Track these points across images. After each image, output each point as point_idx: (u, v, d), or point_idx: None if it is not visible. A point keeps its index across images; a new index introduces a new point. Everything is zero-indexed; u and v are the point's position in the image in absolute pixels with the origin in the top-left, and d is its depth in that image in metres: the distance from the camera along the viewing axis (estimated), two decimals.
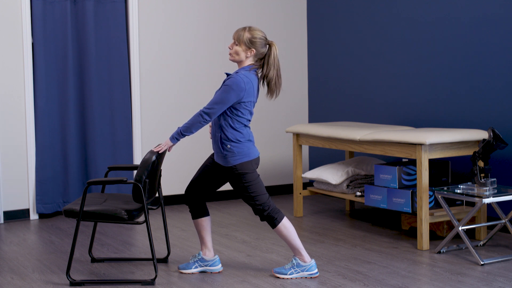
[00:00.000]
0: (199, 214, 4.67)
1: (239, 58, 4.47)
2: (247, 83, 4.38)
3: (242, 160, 4.44)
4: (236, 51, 4.46)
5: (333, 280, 4.50)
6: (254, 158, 4.48)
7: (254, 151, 4.49)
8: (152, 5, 7.01)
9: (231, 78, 4.38)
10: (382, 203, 5.59)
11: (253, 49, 4.44)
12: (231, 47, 4.47)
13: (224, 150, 4.43)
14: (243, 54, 4.45)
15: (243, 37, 4.43)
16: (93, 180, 4.46)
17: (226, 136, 4.43)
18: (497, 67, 5.66)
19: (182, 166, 7.23)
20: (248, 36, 4.43)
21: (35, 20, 6.48)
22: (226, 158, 4.44)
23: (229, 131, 4.43)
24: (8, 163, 6.49)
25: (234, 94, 4.35)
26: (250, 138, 4.49)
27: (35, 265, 4.98)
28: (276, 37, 7.62)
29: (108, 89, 6.82)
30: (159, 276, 4.67)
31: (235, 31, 4.48)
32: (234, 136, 4.43)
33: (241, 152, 4.44)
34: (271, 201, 4.52)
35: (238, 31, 4.46)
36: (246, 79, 4.39)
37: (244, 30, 4.45)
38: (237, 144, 4.43)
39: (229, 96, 4.35)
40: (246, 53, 4.45)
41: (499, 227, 5.26)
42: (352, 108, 7.19)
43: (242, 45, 4.44)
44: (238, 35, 4.44)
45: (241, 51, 4.45)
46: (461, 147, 5.34)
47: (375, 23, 6.83)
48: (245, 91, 4.37)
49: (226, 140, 4.43)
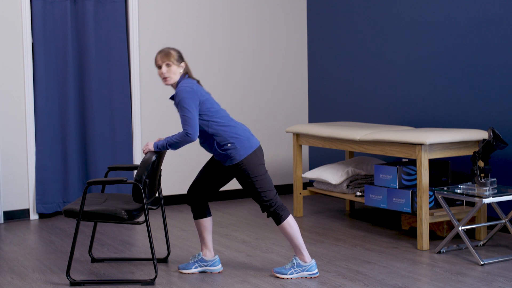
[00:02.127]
0: (201, 215, 4.68)
1: (176, 77, 4.49)
2: (192, 85, 4.43)
3: (246, 153, 4.44)
4: (172, 71, 4.47)
5: (333, 280, 4.50)
6: (256, 147, 4.49)
7: (254, 141, 4.50)
8: (152, 5, 7.01)
9: (177, 93, 4.40)
10: (382, 203, 5.59)
11: (182, 62, 4.50)
12: (166, 72, 4.46)
13: (227, 150, 4.43)
14: (179, 71, 4.49)
15: (172, 55, 4.46)
16: (93, 180, 4.46)
17: (222, 137, 4.43)
18: (497, 67, 5.66)
19: (182, 166, 7.24)
20: (174, 52, 4.47)
21: (35, 20, 6.48)
22: (231, 157, 4.44)
23: (220, 132, 4.43)
24: (8, 163, 6.49)
25: (191, 100, 4.37)
26: (245, 128, 4.51)
27: (35, 265, 4.98)
28: (276, 37, 7.62)
29: (108, 89, 6.82)
30: (159, 276, 4.67)
31: (158, 58, 4.46)
32: (229, 133, 4.44)
33: (243, 145, 4.44)
34: (278, 198, 4.53)
35: (162, 54, 4.46)
36: (188, 83, 4.43)
37: (167, 51, 4.46)
38: (236, 139, 4.43)
39: (189, 106, 4.36)
40: (179, 69, 4.49)
41: (499, 227, 5.26)
42: (352, 108, 7.19)
43: (174, 62, 4.47)
44: (166, 56, 4.45)
45: (176, 68, 4.48)
46: (461, 147, 5.34)
47: (375, 23, 6.83)
48: (197, 92, 4.41)
49: (223, 141, 4.43)
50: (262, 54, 7.56)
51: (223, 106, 7.39)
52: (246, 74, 7.50)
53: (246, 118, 7.52)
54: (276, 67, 7.65)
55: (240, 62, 7.46)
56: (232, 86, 7.43)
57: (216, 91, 7.35)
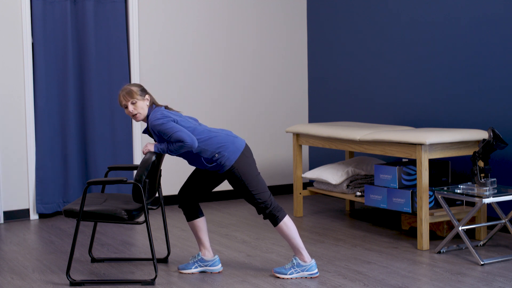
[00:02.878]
0: (194, 216, 4.68)
1: (145, 111, 4.50)
2: (161, 112, 4.44)
3: (235, 157, 4.44)
4: (139, 107, 4.48)
5: (333, 280, 4.50)
6: (243, 148, 4.48)
7: (239, 142, 4.49)
8: (152, 5, 7.01)
9: (153, 126, 4.40)
10: (382, 203, 5.59)
11: (146, 95, 4.51)
12: (132, 110, 4.48)
13: (217, 160, 4.44)
14: (145, 105, 4.50)
15: (135, 91, 4.48)
16: (93, 180, 4.46)
17: (208, 151, 4.43)
18: (497, 67, 5.66)
19: (182, 166, 7.23)
20: (135, 89, 4.49)
21: (35, 20, 6.48)
22: (223, 164, 4.44)
23: (205, 147, 4.43)
24: (8, 163, 6.49)
25: (168, 122, 4.38)
26: (228, 133, 4.51)
27: (35, 265, 4.98)
28: (276, 37, 7.62)
29: (108, 89, 6.82)
30: (159, 276, 4.67)
31: (121, 98, 4.48)
32: (212, 145, 4.43)
33: (230, 151, 4.44)
34: (273, 199, 4.52)
35: (124, 93, 4.48)
36: (157, 112, 4.44)
37: (128, 89, 4.48)
38: (222, 147, 4.43)
39: (170, 125, 4.37)
40: (145, 102, 4.50)
41: (499, 227, 5.27)
42: (352, 108, 7.19)
43: (138, 98, 4.48)
44: (129, 94, 4.47)
45: (142, 102, 4.49)
46: (461, 147, 5.34)
47: (375, 23, 6.83)
48: (168, 115, 4.42)
49: (210, 154, 4.43)
50: (262, 54, 7.56)
51: (223, 106, 7.38)
52: (246, 74, 7.50)
53: (246, 118, 7.52)
54: (276, 67, 7.65)
55: (240, 62, 7.46)
56: (232, 86, 7.43)
57: (216, 91, 7.35)
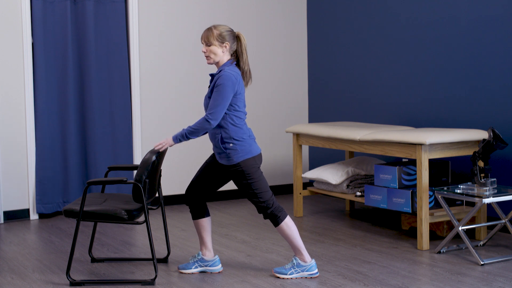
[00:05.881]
0: (200, 215, 4.67)
1: (217, 58, 4.48)
2: (236, 76, 4.42)
3: (245, 157, 4.44)
4: (211, 50, 4.47)
5: (333, 280, 4.50)
6: (257, 154, 4.49)
7: (255, 148, 4.50)
8: (152, 5, 7.01)
9: (221, 76, 4.38)
10: (382, 203, 5.59)
11: (226, 43, 4.46)
12: (206, 50, 4.48)
13: (227, 149, 4.43)
14: (219, 51, 4.47)
15: (213, 35, 4.45)
16: (93, 180, 4.46)
17: (228, 134, 4.43)
18: (497, 67, 5.66)
19: (182, 166, 7.24)
20: (217, 33, 4.45)
21: (35, 20, 6.48)
22: (229, 157, 4.44)
23: (230, 129, 4.43)
24: (8, 163, 6.49)
25: (230, 89, 4.36)
26: (251, 135, 4.51)
27: (35, 265, 4.98)
28: (276, 37, 7.62)
29: (108, 89, 6.82)
30: (159, 276, 4.67)
31: (203, 33, 4.48)
32: (236, 133, 4.43)
33: (244, 150, 4.44)
34: (274, 199, 4.52)
35: (205, 32, 4.48)
36: (234, 72, 4.42)
37: (210, 30, 4.47)
38: (239, 142, 4.43)
39: (226, 94, 4.36)
40: (221, 49, 4.47)
41: (499, 227, 5.27)
42: (352, 108, 7.19)
43: (215, 43, 4.45)
44: (207, 35, 4.46)
45: (216, 48, 4.46)
46: (461, 147, 5.34)
47: (375, 23, 6.83)
48: (238, 83, 4.41)
49: (228, 138, 4.43)
50: (262, 54, 7.56)
51: None
52: None
53: (246, 118, 7.52)
54: (276, 67, 7.65)
55: None
56: None
57: None
